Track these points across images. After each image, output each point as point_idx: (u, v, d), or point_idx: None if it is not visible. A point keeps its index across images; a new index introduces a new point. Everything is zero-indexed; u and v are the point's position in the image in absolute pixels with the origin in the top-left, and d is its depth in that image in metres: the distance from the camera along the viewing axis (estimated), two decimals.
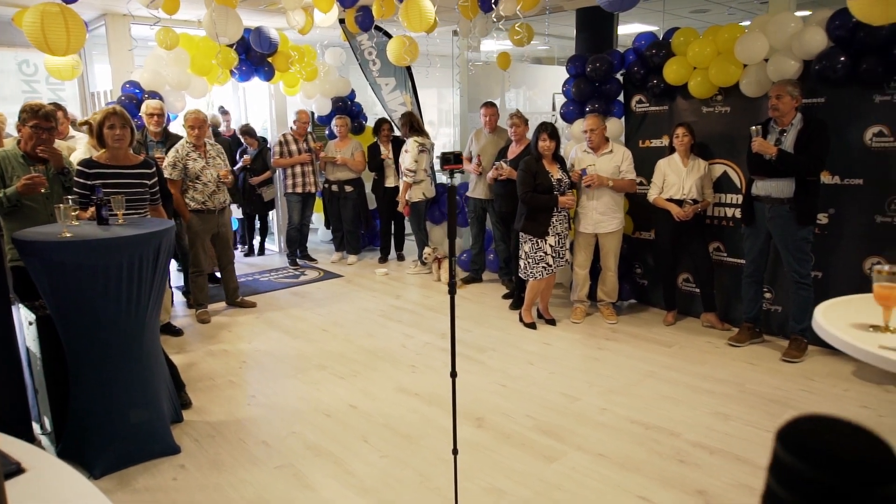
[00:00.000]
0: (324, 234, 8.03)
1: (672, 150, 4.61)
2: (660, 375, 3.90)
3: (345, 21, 5.85)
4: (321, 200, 7.37)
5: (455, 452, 2.32)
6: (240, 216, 7.30)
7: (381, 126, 6.73)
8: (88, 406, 2.86)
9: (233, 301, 5.41)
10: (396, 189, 6.48)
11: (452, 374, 2.24)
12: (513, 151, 5.22)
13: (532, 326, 4.78)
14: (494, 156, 5.54)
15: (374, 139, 6.80)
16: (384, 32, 6.85)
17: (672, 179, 4.55)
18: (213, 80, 6.21)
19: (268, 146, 6.98)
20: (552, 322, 4.87)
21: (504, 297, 5.56)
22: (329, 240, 7.68)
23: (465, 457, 2.83)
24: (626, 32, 7.53)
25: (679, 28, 4.70)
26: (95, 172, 3.43)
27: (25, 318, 3.01)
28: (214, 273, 5.68)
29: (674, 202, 4.52)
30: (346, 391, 3.74)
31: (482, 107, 5.70)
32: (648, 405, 3.49)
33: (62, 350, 2.85)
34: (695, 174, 4.50)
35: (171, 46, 5.07)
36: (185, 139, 4.84)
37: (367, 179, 6.97)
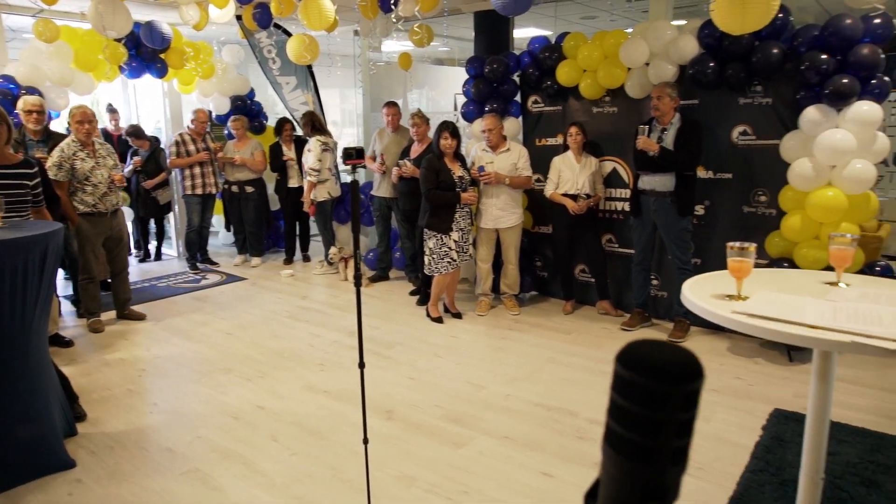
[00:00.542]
0: (225, 237, 7.79)
1: (566, 148, 4.87)
2: (560, 361, 4.13)
3: (242, 18, 5.73)
4: (221, 202, 7.15)
5: (365, 442, 2.37)
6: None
7: (283, 126, 6.63)
8: None
9: (122, 314, 5.08)
10: (300, 189, 6.41)
11: (360, 365, 2.29)
12: (415, 151, 5.32)
13: (439, 320, 4.90)
14: (398, 155, 5.61)
15: (276, 139, 6.69)
16: (283, 30, 6.75)
17: (567, 176, 4.80)
18: (101, 77, 5.88)
19: (161, 146, 6.68)
20: (458, 315, 5.01)
21: (411, 294, 5.65)
22: (231, 242, 7.47)
23: (376, 448, 2.89)
24: (522, 36, 7.83)
25: (570, 33, 4.97)
26: None
27: None
28: (107, 280, 5.38)
29: (569, 197, 4.78)
30: (254, 393, 3.69)
31: (384, 106, 5.76)
32: (549, 389, 3.69)
33: None
34: (587, 170, 4.78)
35: (51, 39, 4.77)
36: (72, 137, 4.55)
37: (270, 180, 6.84)
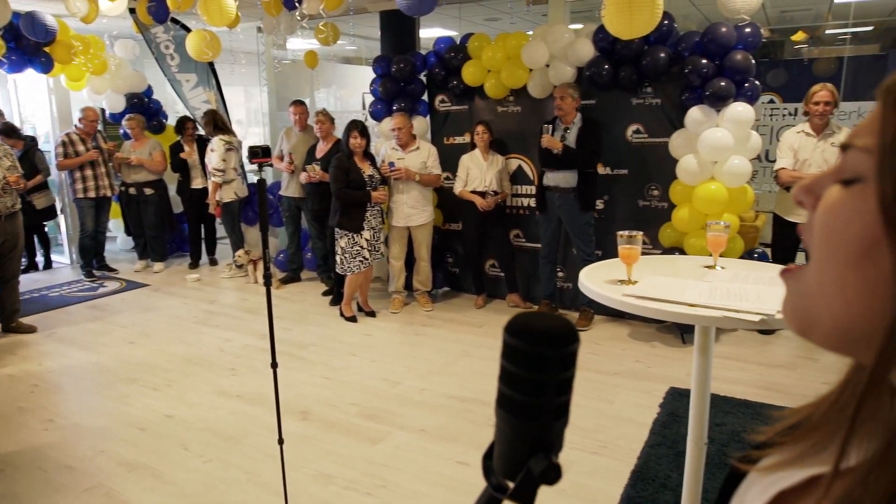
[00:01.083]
0: (124, 242, 7.38)
1: (473, 147, 5.00)
2: (473, 353, 4.25)
3: (136, 11, 5.47)
4: (118, 205, 6.78)
5: (280, 442, 2.36)
6: None
7: (185, 125, 6.38)
8: None
9: (9, 326, 4.71)
10: (204, 190, 6.20)
11: (273, 365, 2.28)
12: (321, 150, 5.28)
13: (353, 319, 4.90)
14: (306, 154, 5.56)
15: (178, 138, 6.42)
16: (182, 26, 6.49)
17: (475, 173, 4.93)
18: None
19: (36, 146, 6.22)
20: (372, 314, 5.03)
21: (324, 294, 5.61)
22: (131, 248, 7.10)
23: (292, 448, 2.88)
24: (428, 36, 7.94)
25: (474, 34, 5.10)
26: None
27: None
28: None
29: (477, 194, 4.91)
30: (161, 402, 3.56)
31: (291, 105, 5.67)
32: (463, 381, 3.80)
33: None
34: (494, 168, 4.93)
35: None
36: None
37: (171, 181, 6.56)
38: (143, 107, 6.81)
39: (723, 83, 4.01)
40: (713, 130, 4.06)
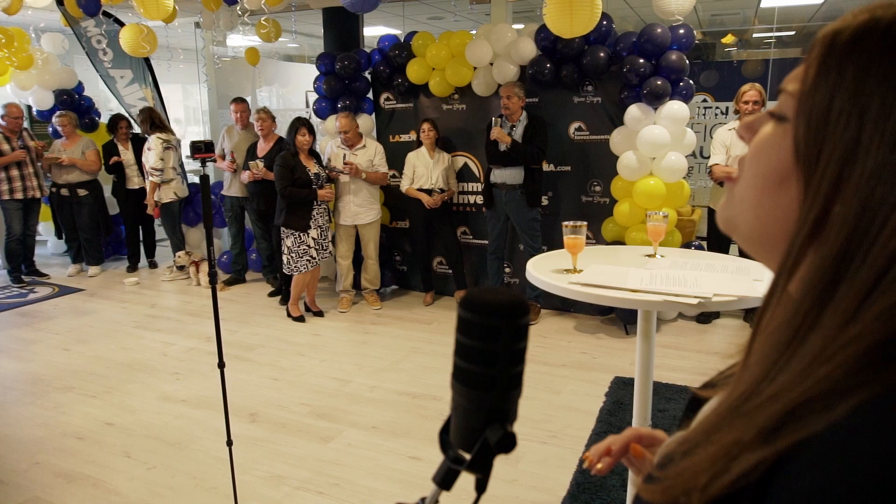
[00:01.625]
0: (56, 246, 7.05)
1: (419, 144, 5.01)
2: (422, 350, 4.26)
3: (64, 3, 5.24)
4: (49, 207, 6.47)
5: (229, 443, 2.32)
6: None
7: (118, 123, 6.14)
8: None
9: None
10: (141, 191, 5.99)
11: (220, 365, 2.24)
12: (262, 148, 5.18)
13: (300, 319, 4.84)
14: (247, 152, 5.46)
15: (111, 137, 6.17)
16: (115, 19, 6.24)
17: (421, 171, 4.95)
18: None
19: None
20: (320, 314, 4.97)
21: (270, 295, 5.51)
22: (63, 251, 6.79)
23: (242, 451, 2.83)
24: (372, 34, 7.90)
25: (418, 32, 5.12)
26: None
27: None
28: None
29: (424, 192, 4.93)
30: (100, 409, 3.42)
31: (232, 103, 5.54)
32: (414, 377, 3.81)
33: None
34: (440, 165, 4.96)
35: None
36: None
37: (106, 182, 6.31)
38: (74, 104, 6.52)
39: (659, 82, 4.15)
40: (651, 128, 4.20)
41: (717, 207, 0.50)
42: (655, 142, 4.17)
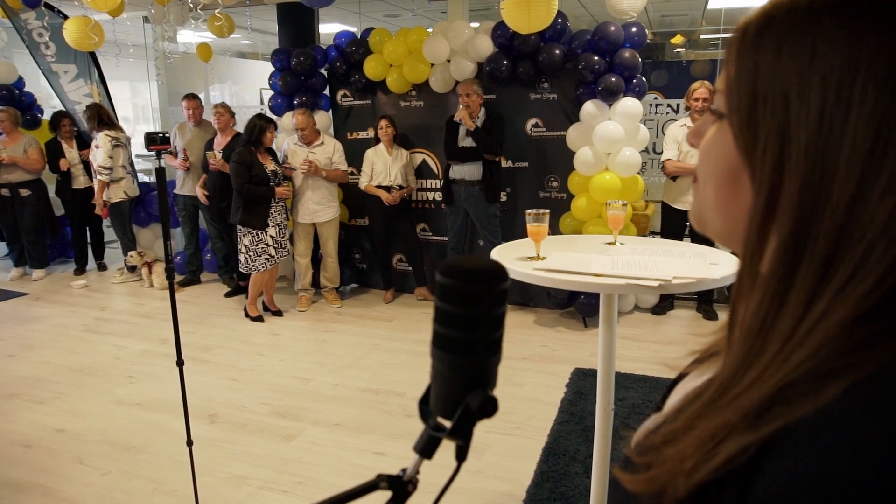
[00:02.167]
0: None
1: (378, 141, 4.99)
2: (384, 347, 4.24)
3: None
4: None
5: (189, 444, 2.27)
6: None
7: (61, 120, 5.90)
8: None
9: None
10: (88, 190, 5.79)
11: (179, 363, 2.19)
12: (218, 143, 5.07)
13: (259, 319, 4.75)
14: (203, 150, 5.34)
15: (54, 135, 5.93)
16: (58, 12, 6.00)
17: (379, 168, 4.93)
18: None
19: None
20: (279, 313, 4.90)
21: (227, 296, 5.40)
22: (5, 255, 6.49)
23: (201, 453, 2.75)
24: (327, 31, 7.82)
25: (375, 28, 5.09)
26: None
27: None
28: None
29: (383, 189, 4.91)
30: (49, 416, 3.29)
31: (184, 99, 5.40)
32: (375, 374, 3.79)
33: None
34: (399, 162, 4.94)
35: None
36: None
37: (51, 181, 6.06)
38: (14, 100, 6.24)
39: (613, 79, 4.24)
40: (606, 124, 4.29)
41: (689, 209, 0.52)
42: (610, 137, 4.26)
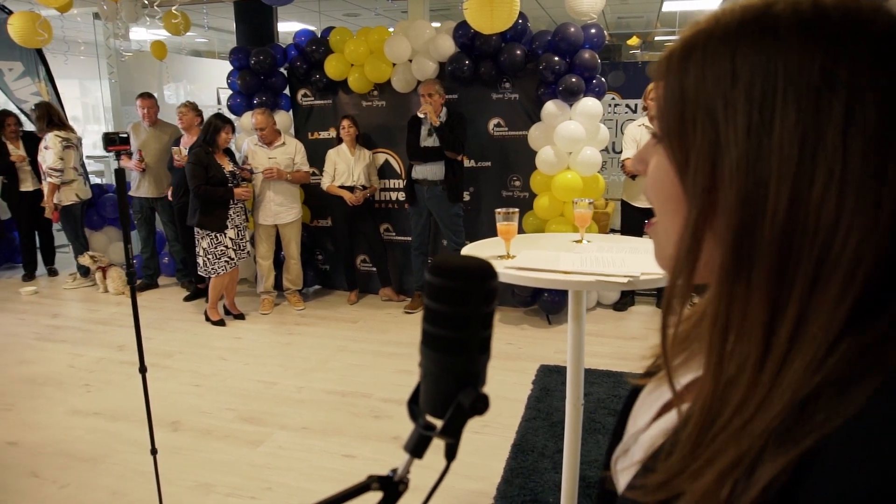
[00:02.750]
0: None
1: (340, 141, 4.95)
2: (349, 348, 4.21)
3: None
4: None
5: (154, 452, 2.21)
6: None
7: (5, 119, 5.67)
8: None
9: None
10: (37, 193, 5.57)
11: (142, 370, 2.13)
12: (185, 143, 4.96)
13: (220, 323, 4.66)
14: (159, 151, 5.21)
15: None
16: (1, 7, 5.76)
17: (342, 168, 4.89)
18: None
19: None
20: (241, 316, 4.81)
21: (186, 300, 5.27)
22: None
23: (165, 462, 2.68)
24: (286, 30, 7.72)
25: (335, 27, 5.04)
26: None
27: None
28: None
29: (345, 189, 4.87)
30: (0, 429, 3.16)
31: (138, 98, 5.26)
32: (342, 376, 3.76)
33: None
34: (362, 162, 4.91)
35: None
36: None
37: None
38: None
39: (574, 79, 4.30)
40: (567, 123, 4.35)
41: (654, 253, 0.52)
42: (572, 137, 4.32)
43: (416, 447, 0.62)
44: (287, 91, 5.34)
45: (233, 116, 5.35)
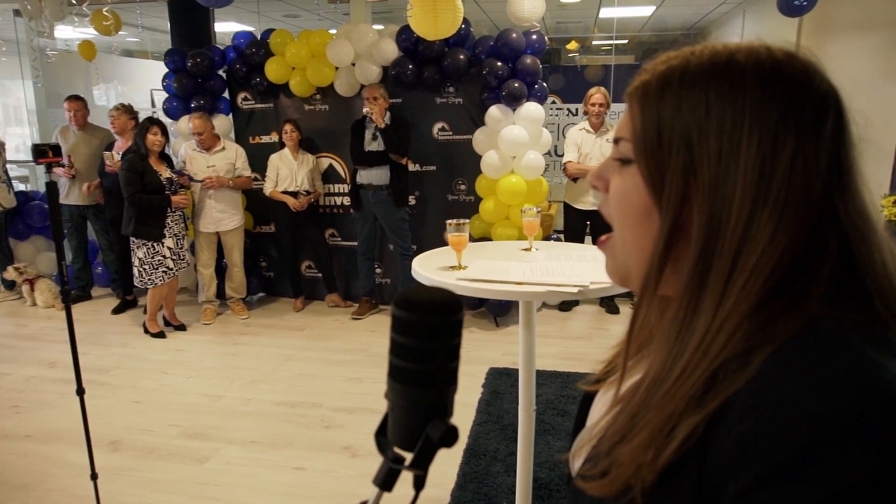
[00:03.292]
0: None
1: (282, 146, 4.85)
2: (297, 357, 4.14)
3: None
4: None
5: (94, 478, 2.12)
6: None
7: None
8: None
9: None
10: None
11: (79, 392, 2.04)
12: (119, 148, 4.75)
13: (160, 335, 4.50)
14: (89, 156, 4.98)
15: None
16: None
17: (285, 173, 4.80)
18: None
19: None
20: (182, 327, 4.66)
21: (114, 312, 5.05)
22: None
23: (105, 484, 2.57)
24: (224, 31, 7.52)
25: (275, 30, 4.94)
26: None
27: None
28: None
29: (289, 194, 4.79)
30: None
31: (66, 101, 5.01)
32: (290, 386, 3.69)
33: None
34: (305, 167, 4.84)
35: None
36: None
37: None
38: None
39: (517, 84, 4.36)
40: (511, 128, 4.41)
41: (605, 268, 0.61)
42: (515, 141, 4.38)
43: (385, 480, 0.62)
44: (226, 94, 5.20)
45: (169, 121, 5.18)
